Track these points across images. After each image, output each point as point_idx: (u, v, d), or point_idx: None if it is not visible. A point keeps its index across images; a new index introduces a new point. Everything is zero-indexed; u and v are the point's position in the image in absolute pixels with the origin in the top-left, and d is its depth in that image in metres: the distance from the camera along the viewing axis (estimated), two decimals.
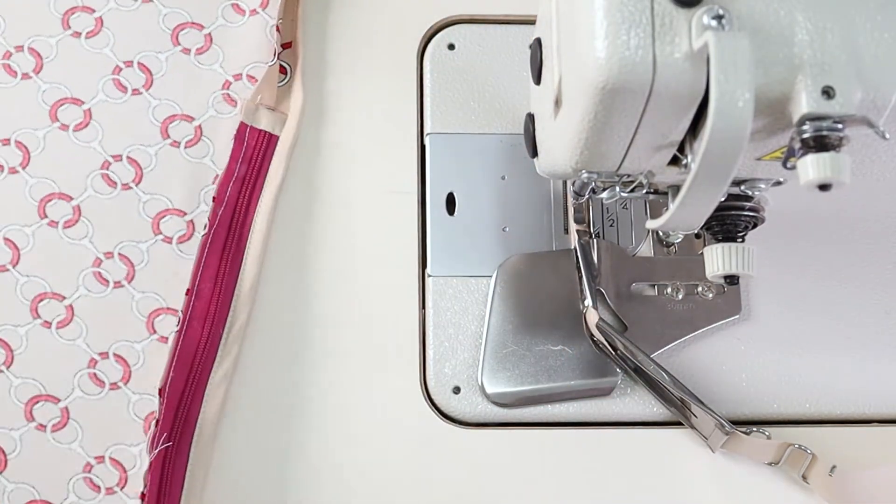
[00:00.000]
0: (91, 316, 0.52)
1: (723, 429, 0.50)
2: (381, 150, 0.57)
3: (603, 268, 0.53)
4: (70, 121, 0.55)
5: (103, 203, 0.54)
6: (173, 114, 0.56)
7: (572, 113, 0.38)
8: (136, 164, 0.54)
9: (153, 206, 0.54)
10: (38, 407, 0.51)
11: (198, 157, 0.55)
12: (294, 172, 0.56)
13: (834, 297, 0.56)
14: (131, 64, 0.56)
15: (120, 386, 0.51)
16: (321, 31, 0.59)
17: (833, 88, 0.34)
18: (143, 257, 0.53)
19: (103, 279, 0.53)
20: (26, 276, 0.52)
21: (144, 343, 0.52)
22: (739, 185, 0.44)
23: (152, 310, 0.52)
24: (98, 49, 0.56)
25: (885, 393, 0.54)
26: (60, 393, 0.51)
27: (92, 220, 0.53)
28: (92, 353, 0.51)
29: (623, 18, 0.34)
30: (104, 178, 0.54)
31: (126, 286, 0.53)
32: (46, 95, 0.55)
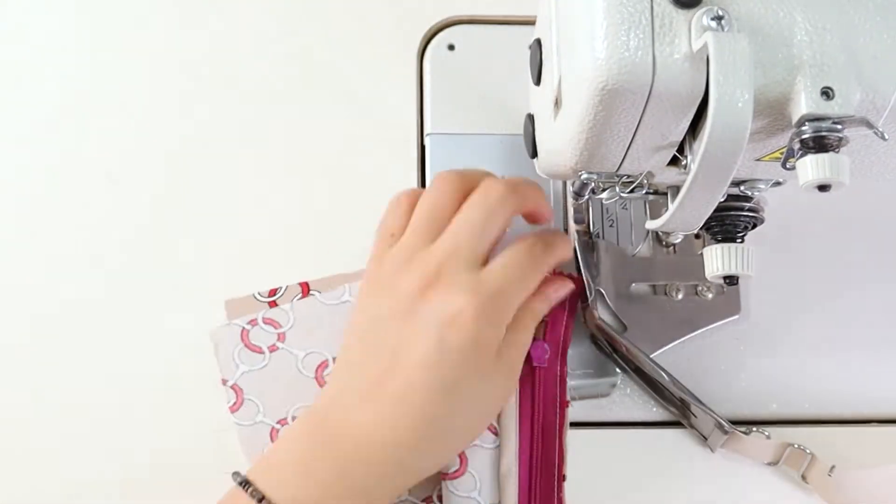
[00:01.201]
0: None
1: (722, 429, 0.50)
2: (381, 150, 0.57)
3: (603, 268, 0.53)
4: None
5: None
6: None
7: (572, 113, 0.38)
8: None
9: None
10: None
11: None
12: (295, 172, 0.56)
13: (834, 297, 0.56)
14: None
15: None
16: (321, 30, 0.59)
17: (832, 89, 0.34)
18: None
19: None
20: None
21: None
22: (739, 186, 0.44)
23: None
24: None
25: (885, 393, 0.54)
26: None
27: None
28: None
29: (623, 19, 0.34)
30: None
31: None
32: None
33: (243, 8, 0.60)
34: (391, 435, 0.43)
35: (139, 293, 0.54)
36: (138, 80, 0.58)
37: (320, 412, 0.45)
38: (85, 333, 0.53)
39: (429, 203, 0.48)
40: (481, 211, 0.46)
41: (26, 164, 0.56)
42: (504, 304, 0.45)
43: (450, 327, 0.43)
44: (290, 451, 0.44)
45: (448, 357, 0.43)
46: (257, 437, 0.50)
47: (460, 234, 0.46)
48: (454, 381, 0.43)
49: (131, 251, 0.55)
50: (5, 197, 0.56)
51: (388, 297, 0.45)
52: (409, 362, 0.43)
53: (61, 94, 0.58)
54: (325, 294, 0.52)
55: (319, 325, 0.52)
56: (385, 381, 0.44)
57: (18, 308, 0.54)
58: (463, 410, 0.44)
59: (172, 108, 0.58)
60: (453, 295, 0.44)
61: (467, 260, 0.45)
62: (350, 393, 0.44)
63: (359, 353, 0.46)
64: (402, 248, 0.47)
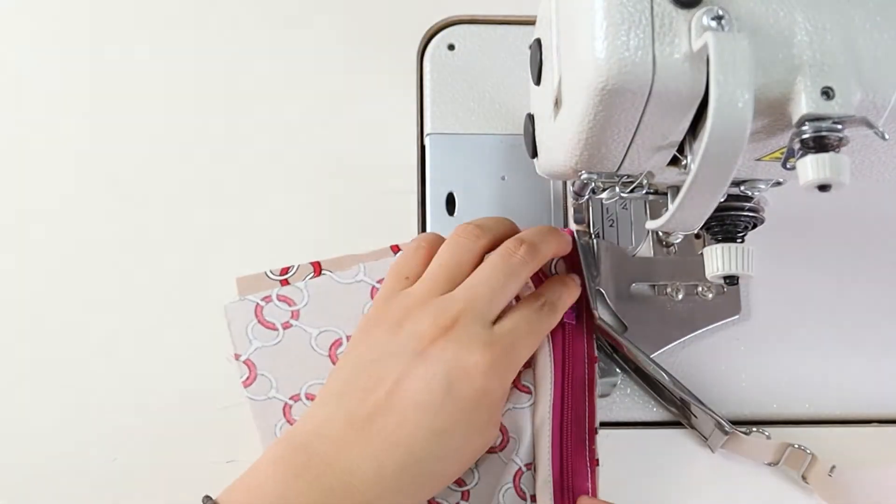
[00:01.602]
0: None
1: (723, 429, 0.50)
2: (381, 150, 0.57)
3: (603, 268, 0.53)
4: None
5: None
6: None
7: (572, 113, 0.38)
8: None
9: None
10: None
11: None
12: (295, 172, 0.57)
13: (834, 297, 0.56)
14: None
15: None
16: (322, 30, 0.59)
17: (832, 89, 0.34)
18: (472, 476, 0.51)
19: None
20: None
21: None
22: (739, 186, 0.44)
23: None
24: None
25: (885, 393, 0.54)
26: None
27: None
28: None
29: (623, 19, 0.34)
30: None
31: None
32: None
33: (245, 8, 0.60)
34: (375, 472, 0.42)
35: (149, 274, 0.55)
36: (150, 81, 0.58)
37: (301, 442, 0.44)
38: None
39: (448, 255, 0.48)
40: (503, 272, 0.46)
41: (36, 141, 0.57)
42: (514, 361, 0.46)
43: (460, 377, 0.43)
44: (268, 481, 0.43)
45: (450, 405, 0.43)
46: (270, 412, 0.51)
47: (480, 290, 0.46)
48: (448, 429, 0.43)
49: (141, 234, 0.55)
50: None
51: (394, 335, 0.45)
52: (408, 402, 0.43)
53: (65, 79, 0.58)
54: (340, 273, 0.53)
55: (334, 304, 0.52)
56: (376, 417, 0.43)
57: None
58: (448, 456, 0.45)
59: (174, 109, 0.58)
60: (469, 346, 0.44)
61: (483, 315, 0.45)
62: (337, 424, 0.44)
63: (351, 385, 0.45)
64: (416, 293, 0.47)
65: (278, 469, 0.43)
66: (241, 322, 0.52)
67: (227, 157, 0.57)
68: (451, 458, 0.45)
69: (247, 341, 0.52)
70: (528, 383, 0.50)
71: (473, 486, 0.50)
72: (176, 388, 0.53)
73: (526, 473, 0.50)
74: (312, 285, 0.53)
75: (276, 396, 0.51)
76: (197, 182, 0.56)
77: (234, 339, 0.52)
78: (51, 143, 0.57)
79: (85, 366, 0.53)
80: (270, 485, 0.42)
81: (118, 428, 0.52)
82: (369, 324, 0.47)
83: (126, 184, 0.56)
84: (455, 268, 0.47)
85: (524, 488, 0.49)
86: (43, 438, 0.52)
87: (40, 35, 0.59)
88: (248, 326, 0.52)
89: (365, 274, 0.53)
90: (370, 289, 0.53)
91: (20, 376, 0.53)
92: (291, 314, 0.52)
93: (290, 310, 0.52)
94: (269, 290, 0.52)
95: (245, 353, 0.51)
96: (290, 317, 0.52)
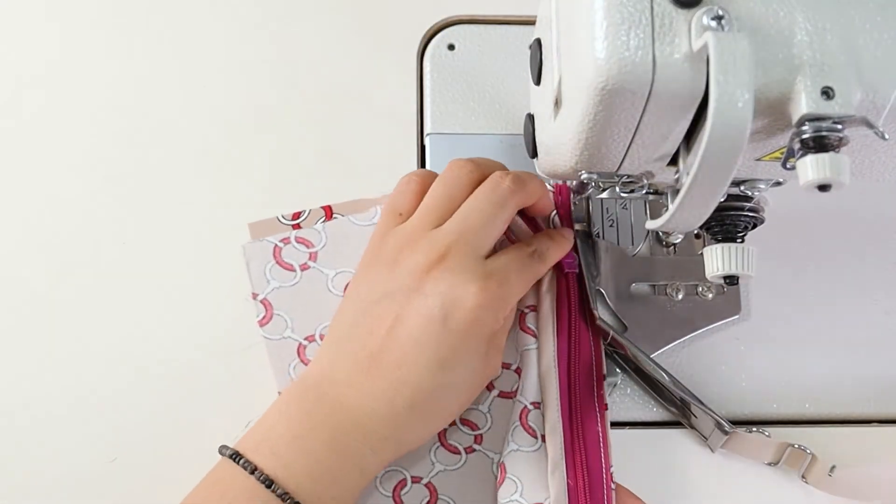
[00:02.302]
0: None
1: (722, 429, 0.50)
2: (382, 150, 0.57)
3: (603, 268, 0.53)
4: None
5: None
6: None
7: (572, 113, 0.38)
8: None
9: None
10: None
11: None
12: (295, 172, 0.57)
13: (834, 297, 0.56)
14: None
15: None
16: (322, 30, 0.59)
17: (832, 89, 0.34)
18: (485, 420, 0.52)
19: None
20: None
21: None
22: (739, 186, 0.44)
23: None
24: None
25: (885, 393, 0.54)
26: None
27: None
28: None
29: (623, 19, 0.34)
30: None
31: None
32: None
33: (245, 7, 0.60)
34: (386, 409, 0.44)
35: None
36: (149, 80, 0.58)
37: (312, 383, 0.45)
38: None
39: (441, 188, 0.48)
40: (491, 202, 0.47)
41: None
42: (506, 295, 0.46)
43: (455, 307, 0.44)
44: (281, 422, 0.44)
45: (447, 335, 0.44)
46: (284, 352, 0.52)
47: (470, 220, 0.46)
48: (449, 359, 0.44)
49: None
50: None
51: (391, 272, 0.46)
52: (407, 338, 0.44)
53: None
54: (357, 215, 0.54)
55: (350, 246, 0.53)
56: (381, 356, 0.44)
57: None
58: (455, 385, 0.46)
59: (173, 108, 0.58)
60: (460, 277, 0.45)
61: (475, 247, 0.46)
62: (343, 365, 0.45)
63: (353, 326, 0.46)
64: (409, 228, 0.47)
65: (291, 409, 0.44)
66: (259, 262, 0.53)
67: (227, 158, 0.57)
68: (458, 388, 0.46)
69: (265, 281, 0.53)
70: (532, 325, 0.51)
71: (486, 430, 0.51)
72: (175, 383, 0.53)
73: (533, 411, 0.50)
74: (330, 227, 0.54)
75: (291, 336, 0.52)
76: (196, 184, 0.56)
77: (252, 278, 0.53)
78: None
79: (85, 364, 0.53)
80: (284, 424, 0.44)
81: (118, 428, 0.52)
82: (367, 263, 0.48)
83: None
84: (447, 201, 0.48)
85: (533, 426, 0.50)
86: (43, 438, 0.52)
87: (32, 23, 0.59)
88: (266, 267, 0.53)
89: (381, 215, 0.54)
90: None
91: (18, 375, 0.53)
92: (309, 256, 0.53)
93: (308, 251, 0.53)
94: (288, 232, 0.53)
95: (262, 293, 0.52)
96: (308, 258, 0.53)
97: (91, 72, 0.58)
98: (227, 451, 0.44)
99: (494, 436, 0.51)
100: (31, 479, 0.51)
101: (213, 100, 0.58)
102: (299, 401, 0.45)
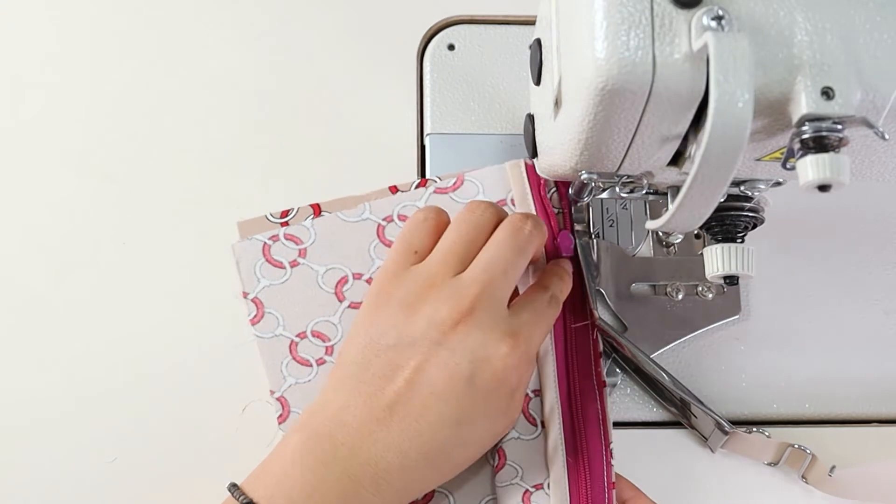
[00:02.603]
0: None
1: (723, 429, 0.50)
2: (382, 150, 0.57)
3: (603, 268, 0.53)
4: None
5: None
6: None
7: (572, 113, 0.38)
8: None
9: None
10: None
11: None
12: (295, 172, 0.57)
13: (834, 297, 0.56)
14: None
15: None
16: (321, 30, 0.59)
17: (832, 89, 0.34)
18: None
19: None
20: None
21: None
22: (739, 186, 0.44)
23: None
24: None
25: (885, 393, 0.54)
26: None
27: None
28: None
29: (623, 19, 0.34)
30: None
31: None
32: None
33: (244, 7, 0.60)
34: (399, 460, 0.43)
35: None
36: (147, 80, 0.58)
37: (325, 431, 0.44)
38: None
39: (461, 231, 0.47)
40: (513, 249, 0.46)
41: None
42: (532, 352, 0.46)
43: (483, 365, 0.43)
44: (295, 468, 0.43)
45: (472, 393, 0.43)
46: (276, 350, 0.52)
47: (493, 268, 0.45)
48: (470, 416, 0.44)
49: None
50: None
51: (408, 317, 0.45)
52: (429, 390, 0.43)
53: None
54: (346, 212, 0.54)
55: (340, 242, 0.53)
56: (397, 406, 0.43)
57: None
58: (470, 442, 0.45)
59: (173, 108, 0.58)
60: (490, 335, 0.44)
61: (500, 298, 0.45)
62: (357, 411, 0.44)
63: (364, 367, 0.45)
64: (428, 272, 0.46)
65: (305, 458, 0.43)
66: (248, 261, 0.53)
67: (227, 158, 0.57)
68: (473, 444, 0.45)
69: (255, 280, 0.53)
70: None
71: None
72: (176, 387, 0.53)
73: (534, 399, 0.50)
74: (319, 224, 0.54)
75: (283, 334, 0.52)
76: (197, 184, 0.56)
77: (243, 277, 0.53)
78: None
79: (85, 364, 0.53)
80: (298, 473, 0.43)
81: (118, 428, 0.52)
82: (378, 300, 0.46)
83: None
84: (468, 245, 0.46)
85: (533, 414, 0.50)
86: (42, 438, 0.52)
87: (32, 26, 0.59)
88: (256, 265, 0.53)
89: (370, 212, 0.54)
90: (376, 226, 0.54)
91: (18, 376, 0.53)
92: (299, 252, 0.53)
93: (297, 248, 0.53)
94: (276, 230, 0.53)
95: (253, 292, 0.52)
96: (298, 255, 0.53)
97: (91, 71, 0.58)
98: (239, 496, 0.43)
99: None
100: (31, 479, 0.51)
101: (213, 100, 0.58)
102: (312, 449, 0.43)
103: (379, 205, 0.54)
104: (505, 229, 0.47)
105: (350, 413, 0.44)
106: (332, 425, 0.44)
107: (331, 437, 0.43)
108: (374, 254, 0.53)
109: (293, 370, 0.51)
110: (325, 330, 0.52)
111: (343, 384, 0.45)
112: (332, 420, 0.44)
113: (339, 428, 0.44)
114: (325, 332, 0.52)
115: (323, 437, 0.44)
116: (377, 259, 0.53)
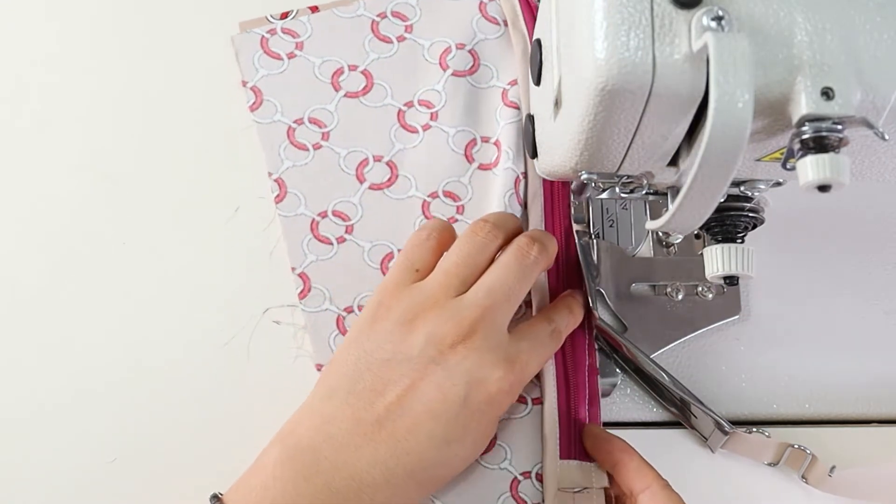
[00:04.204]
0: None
1: (723, 429, 0.50)
2: None
3: (603, 268, 0.53)
4: (380, 178, 0.55)
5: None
6: (471, 139, 0.55)
7: (572, 114, 0.38)
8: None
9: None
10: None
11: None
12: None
13: (834, 297, 0.56)
14: (412, 104, 0.56)
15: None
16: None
17: (832, 89, 0.34)
18: (466, 191, 0.55)
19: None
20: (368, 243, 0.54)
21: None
22: (739, 186, 0.44)
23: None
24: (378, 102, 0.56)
25: (885, 393, 0.54)
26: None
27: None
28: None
29: (623, 19, 0.34)
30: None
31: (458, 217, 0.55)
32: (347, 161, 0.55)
33: (244, 7, 0.60)
34: (383, 476, 0.43)
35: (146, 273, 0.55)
36: (146, 80, 0.58)
37: (308, 444, 0.43)
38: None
39: (463, 252, 0.47)
40: (517, 275, 0.46)
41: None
42: (525, 380, 0.47)
43: (477, 389, 0.44)
44: (277, 482, 0.42)
45: (464, 414, 0.43)
46: (274, 134, 0.55)
47: (495, 293, 0.45)
48: (459, 437, 0.44)
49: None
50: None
51: (404, 335, 0.44)
52: (421, 409, 0.43)
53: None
54: (340, 8, 0.57)
55: (336, 36, 0.56)
56: (386, 422, 0.43)
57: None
58: (454, 462, 0.45)
59: (173, 108, 0.58)
60: (487, 359, 0.44)
61: (500, 323, 0.45)
62: (343, 424, 0.43)
63: (355, 380, 0.44)
64: (428, 291, 0.46)
65: (286, 470, 0.43)
66: (248, 52, 0.56)
67: (227, 157, 0.57)
68: (457, 464, 0.46)
69: (253, 70, 0.56)
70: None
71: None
72: (176, 387, 0.53)
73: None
74: (315, 19, 0.57)
75: (281, 120, 0.55)
76: (197, 184, 0.56)
77: (242, 68, 0.56)
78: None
79: (85, 363, 0.53)
80: (279, 486, 0.42)
81: (118, 428, 0.52)
82: (376, 314, 0.46)
83: None
84: (470, 267, 0.46)
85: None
86: (42, 438, 0.52)
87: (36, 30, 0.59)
88: (254, 56, 0.56)
89: (365, 9, 0.57)
90: (370, 22, 0.57)
91: (18, 375, 0.53)
92: (296, 45, 0.56)
93: (294, 41, 0.56)
94: (274, 24, 0.56)
95: (252, 81, 0.56)
96: (295, 48, 0.56)
97: (91, 71, 0.58)
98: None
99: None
100: (31, 479, 0.51)
101: (213, 100, 0.58)
102: (295, 461, 0.43)
103: (373, 2, 0.57)
104: (510, 253, 0.47)
105: (336, 425, 0.43)
106: (316, 437, 0.43)
107: (313, 450, 0.43)
108: (369, 47, 0.56)
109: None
110: (345, 210, 0.54)
111: (332, 393, 0.45)
112: (318, 431, 0.44)
113: (324, 440, 0.43)
114: (346, 211, 0.54)
115: (305, 451, 0.43)
116: (371, 52, 0.56)
